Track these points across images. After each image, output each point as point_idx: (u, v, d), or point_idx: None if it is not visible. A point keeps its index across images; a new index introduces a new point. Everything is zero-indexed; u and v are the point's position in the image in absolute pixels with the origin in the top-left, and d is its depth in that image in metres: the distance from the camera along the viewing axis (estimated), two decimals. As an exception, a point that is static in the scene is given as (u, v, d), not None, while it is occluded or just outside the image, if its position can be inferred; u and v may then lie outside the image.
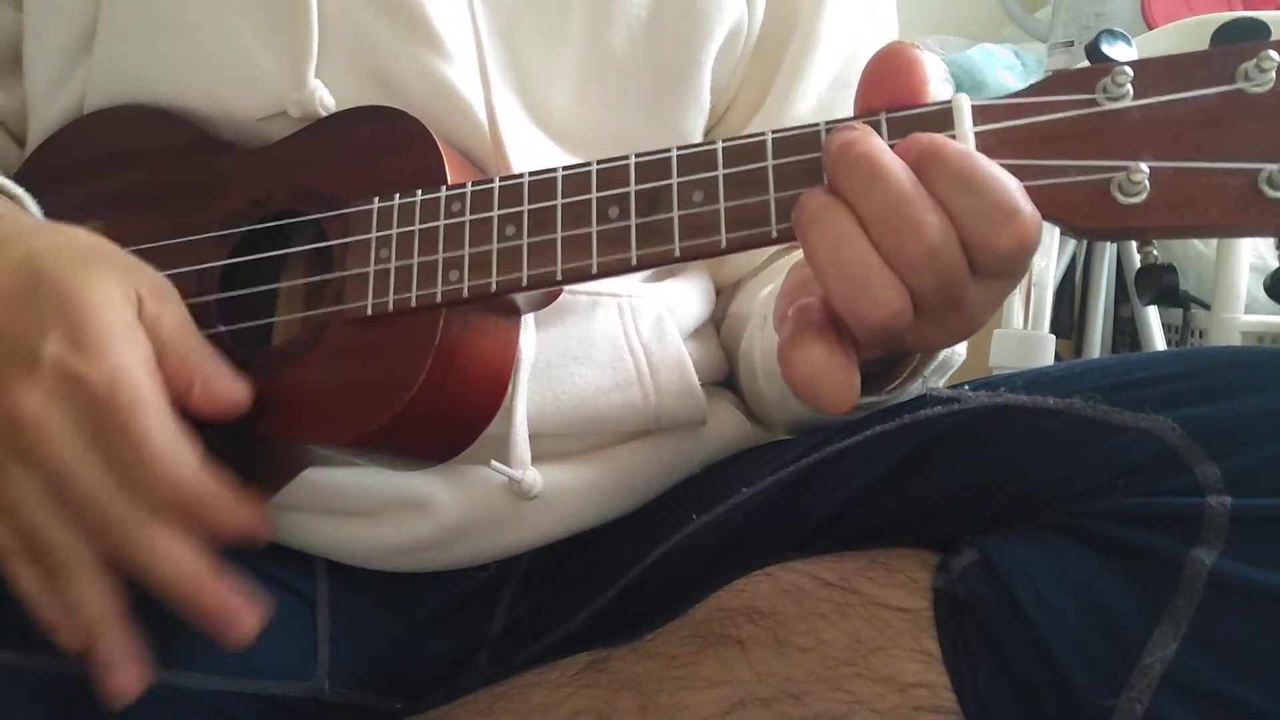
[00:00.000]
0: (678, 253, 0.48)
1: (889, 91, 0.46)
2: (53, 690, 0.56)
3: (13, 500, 0.48)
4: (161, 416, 0.49)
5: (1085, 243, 1.71)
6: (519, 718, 0.58)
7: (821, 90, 0.69)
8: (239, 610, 0.50)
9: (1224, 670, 0.43)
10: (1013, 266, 0.43)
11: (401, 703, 0.67)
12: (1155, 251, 0.45)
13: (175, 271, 0.58)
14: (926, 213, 0.42)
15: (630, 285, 0.67)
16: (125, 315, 0.50)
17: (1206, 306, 1.72)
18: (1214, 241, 1.69)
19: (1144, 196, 0.42)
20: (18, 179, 0.62)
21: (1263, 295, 1.75)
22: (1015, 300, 1.33)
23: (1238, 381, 0.48)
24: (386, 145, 0.58)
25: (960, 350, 0.63)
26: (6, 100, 0.71)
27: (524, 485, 0.63)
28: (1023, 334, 1.31)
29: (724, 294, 0.77)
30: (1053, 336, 1.30)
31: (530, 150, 0.63)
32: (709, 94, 0.67)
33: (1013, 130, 0.45)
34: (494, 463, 0.62)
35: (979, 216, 0.42)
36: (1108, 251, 1.71)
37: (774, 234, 0.47)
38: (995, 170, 0.42)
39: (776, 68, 0.69)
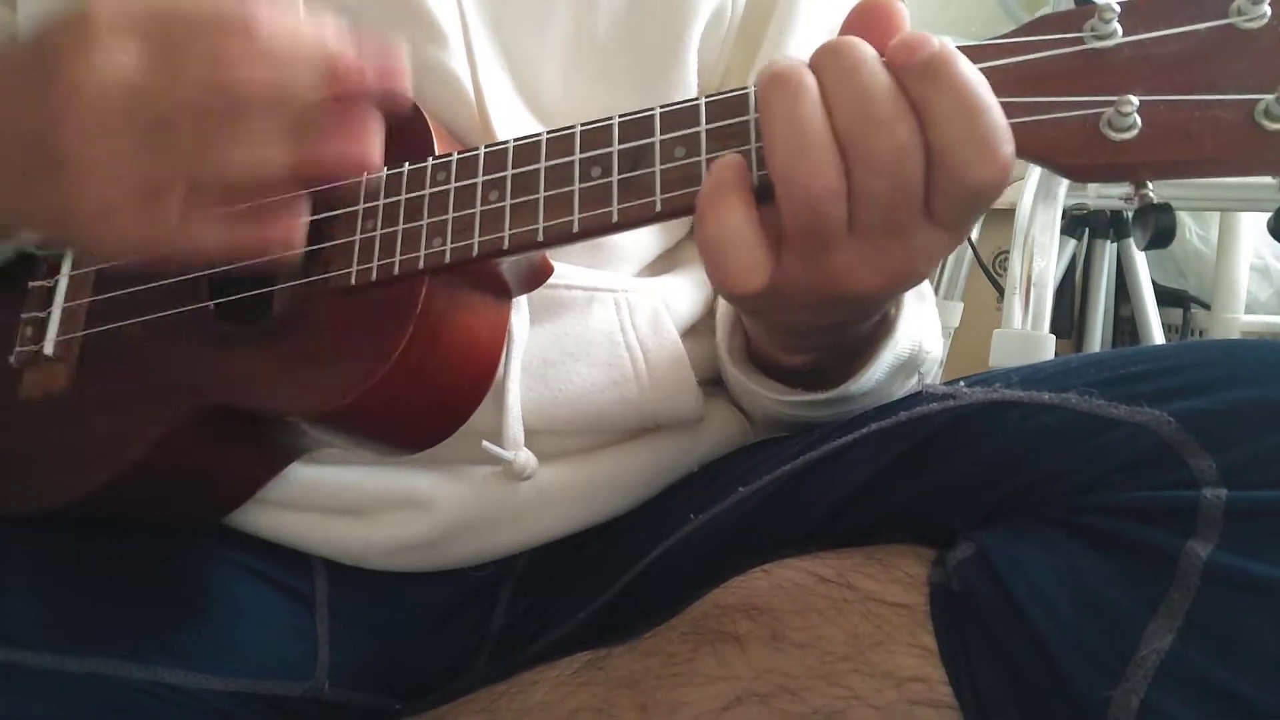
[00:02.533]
0: (659, 206, 0.48)
1: (871, 41, 0.46)
2: (53, 689, 0.56)
3: (139, 157, 0.47)
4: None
5: (1085, 242, 1.71)
6: (518, 716, 0.58)
7: None
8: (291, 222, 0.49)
9: (1219, 662, 0.43)
10: (970, 208, 0.43)
11: (401, 702, 0.67)
12: (1150, 193, 0.44)
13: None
14: (905, 113, 0.42)
15: (626, 280, 0.68)
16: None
17: (1206, 306, 1.72)
18: (1214, 241, 1.69)
19: (1135, 132, 0.41)
20: None
21: (1263, 295, 1.75)
22: (1015, 300, 1.32)
23: (1233, 374, 0.48)
24: None
25: (933, 350, 0.63)
26: None
27: (516, 466, 0.63)
28: (1023, 334, 1.31)
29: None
30: (1053, 336, 1.30)
31: (519, 131, 0.63)
32: (695, 75, 0.67)
33: (999, 70, 0.44)
34: (486, 443, 0.62)
35: (968, 146, 0.42)
36: (1107, 251, 1.71)
37: (755, 181, 0.46)
38: (994, 101, 0.42)
39: (758, 45, 0.68)
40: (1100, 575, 0.46)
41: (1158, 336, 1.66)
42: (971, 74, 0.42)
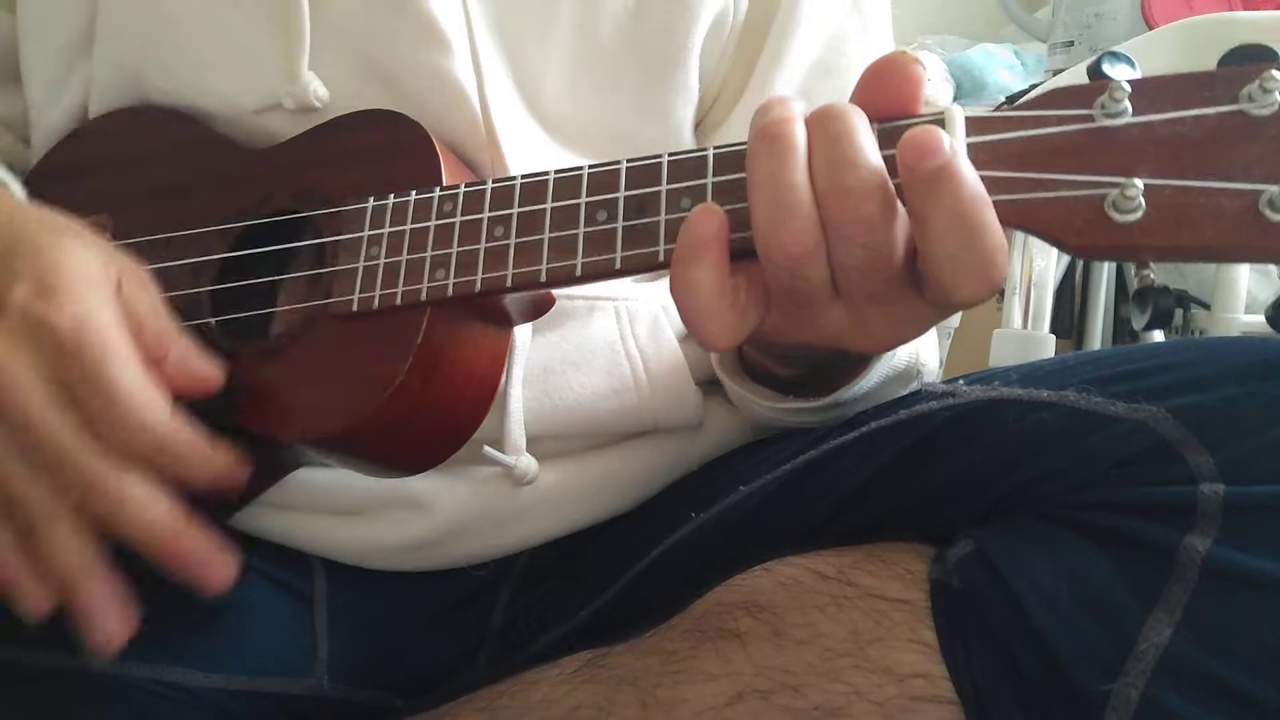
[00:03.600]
0: (662, 256, 0.48)
1: (883, 98, 0.46)
2: (53, 686, 0.56)
3: None
4: (130, 363, 0.48)
5: (1085, 244, 1.71)
6: (519, 714, 0.58)
7: (800, 76, 0.69)
8: (214, 559, 0.50)
9: (1218, 655, 0.44)
10: (956, 309, 0.44)
11: (401, 700, 0.67)
12: (1152, 274, 0.44)
13: (172, 264, 0.58)
14: (874, 190, 0.42)
15: (626, 288, 0.68)
16: (97, 275, 0.50)
17: (1206, 306, 1.72)
18: (1214, 241, 1.69)
19: (1139, 215, 0.41)
20: (30, 179, 0.62)
21: (1263, 295, 1.75)
22: (1015, 300, 1.33)
23: (1230, 370, 0.48)
24: (386, 147, 0.58)
25: (929, 361, 0.63)
26: (8, 106, 0.71)
27: (518, 471, 0.63)
28: (1023, 334, 1.31)
29: None
30: (1053, 336, 1.30)
31: (524, 140, 0.63)
32: (697, 81, 0.67)
33: (1006, 143, 0.44)
34: (488, 449, 0.62)
35: (961, 264, 0.42)
36: (1108, 252, 1.70)
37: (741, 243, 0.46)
38: (994, 220, 0.42)
39: (757, 55, 0.69)
40: (1099, 571, 0.46)
41: (1157, 336, 1.66)
42: (974, 191, 0.42)
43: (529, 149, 0.63)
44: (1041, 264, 1.32)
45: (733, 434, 0.71)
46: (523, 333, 0.62)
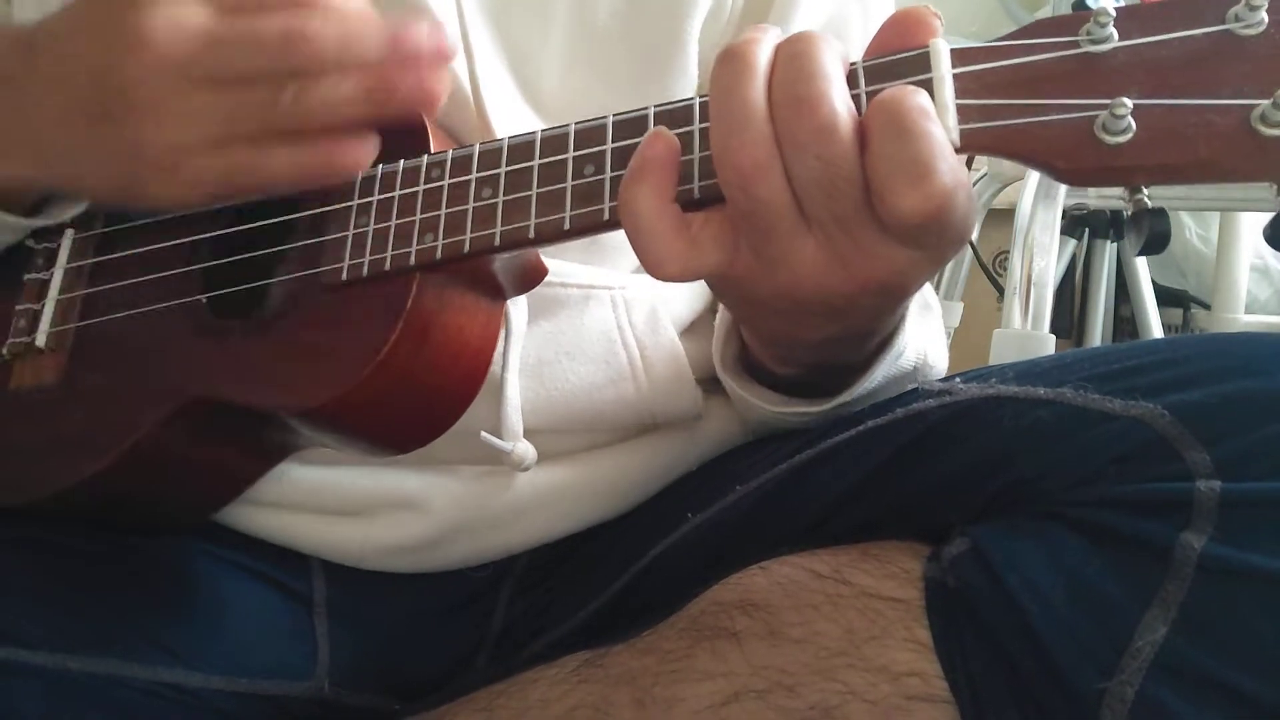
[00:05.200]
0: None
1: (897, 46, 0.46)
2: (53, 686, 0.56)
3: (211, 104, 0.50)
4: None
5: (1085, 242, 1.71)
6: (517, 714, 0.58)
7: None
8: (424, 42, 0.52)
9: (1213, 653, 0.43)
10: (916, 232, 0.43)
11: (401, 703, 0.67)
12: (1146, 198, 0.44)
13: (165, 245, 0.59)
14: (833, 100, 0.43)
15: (623, 278, 0.67)
16: None
17: (1206, 306, 1.72)
18: (1214, 241, 1.69)
19: (1129, 135, 0.41)
20: None
21: (1263, 295, 1.75)
22: (1015, 300, 1.33)
23: (1226, 367, 0.48)
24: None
25: (936, 359, 0.63)
26: None
27: (514, 457, 0.63)
28: (1023, 334, 1.31)
29: None
30: (1053, 336, 1.30)
31: (517, 127, 0.63)
32: (696, 67, 0.67)
33: (991, 72, 0.44)
34: (484, 435, 0.62)
35: (893, 164, 0.42)
36: (1107, 251, 1.71)
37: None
38: (935, 131, 0.42)
39: None
40: (1095, 568, 0.46)
41: (1158, 336, 1.66)
42: (916, 101, 0.42)
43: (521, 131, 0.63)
44: (1041, 264, 1.32)
45: (732, 434, 0.71)
46: (519, 321, 0.62)
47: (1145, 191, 0.44)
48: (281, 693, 0.65)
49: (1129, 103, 0.41)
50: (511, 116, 0.63)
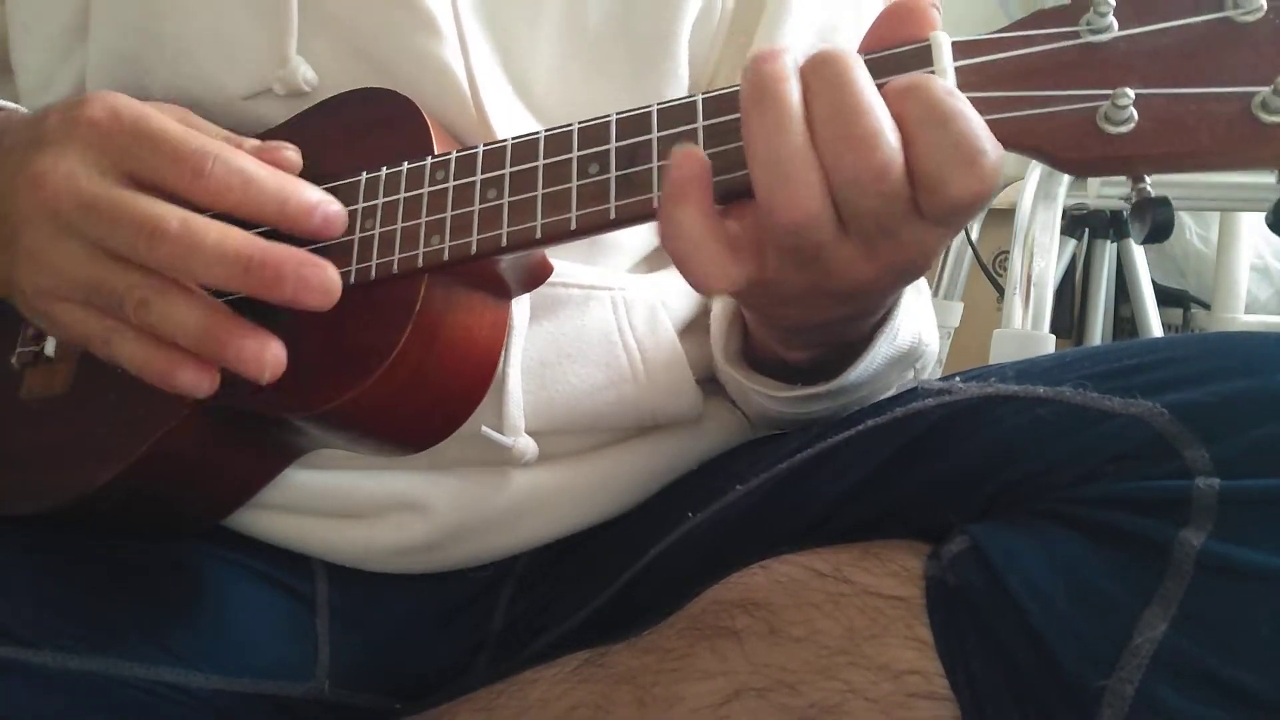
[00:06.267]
0: (656, 203, 0.48)
1: (894, 39, 0.46)
2: (53, 686, 0.57)
3: (66, 271, 0.51)
4: (164, 118, 0.52)
5: (1085, 242, 1.71)
6: (517, 714, 0.58)
7: None
8: (311, 268, 0.51)
9: (1213, 650, 0.43)
10: (962, 214, 0.43)
11: (401, 703, 0.67)
12: (1148, 187, 0.44)
13: None
14: (884, 130, 0.42)
15: (623, 278, 0.68)
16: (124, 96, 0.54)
17: (1206, 306, 1.72)
18: (1214, 241, 1.69)
19: (1131, 125, 0.41)
20: None
21: (1263, 295, 1.75)
22: (1015, 300, 1.33)
23: (1225, 366, 0.48)
24: (376, 124, 0.58)
25: (930, 343, 0.63)
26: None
27: (515, 452, 0.63)
28: (1023, 334, 1.31)
29: None
30: (1053, 336, 1.30)
31: (514, 125, 0.63)
32: (686, 68, 0.67)
33: (993, 64, 0.44)
34: (485, 430, 0.62)
35: (941, 153, 0.41)
36: (1107, 251, 1.71)
37: (729, 185, 0.46)
38: (972, 114, 0.42)
39: (749, 44, 0.68)
40: (1094, 566, 0.46)
41: (1156, 331, 1.66)
42: (940, 83, 0.42)
43: (519, 131, 0.63)
44: (1041, 264, 1.32)
45: (732, 433, 0.71)
46: (520, 317, 0.62)
47: (1147, 180, 0.44)
48: (282, 693, 0.65)
49: (1131, 93, 0.41)
50: (508, 115, 0.63)
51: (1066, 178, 1.33)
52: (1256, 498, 0.44)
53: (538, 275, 0.58)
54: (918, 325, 0.62)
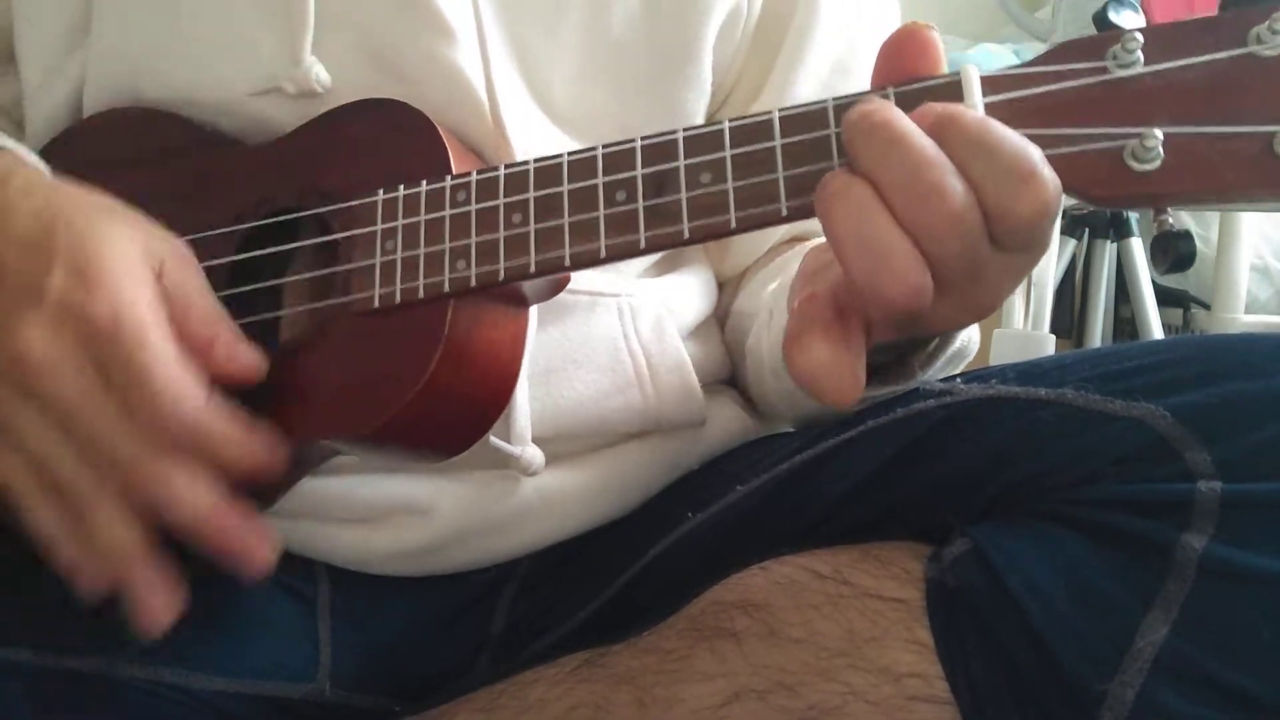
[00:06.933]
0: (687, 234, 0.48)
1: (904, 71, 0.46)
2: (54, 687, 0.56)
3: (23, 437, 0.49)
4: (165, 354, 0.49)
5: (1085, 242, 1.71)
6: (517, 714, 0.58)
7: (822, 74, 0.69)
8: (255, 543, 0.51)
9: (1215, 653, 0.43)
10: (1033, 233, 0.43)
11: (402, 705, 0.67)
12: (1170, 219, 0.45)
13: None
14: (948, 176, 0.41)
15: (629, 284, 0.67)
16: (136, 262, 0.50)
17: (1206, 306, 1.72)
18: (1214, 241, 1.69)
19: (1158, 163, 0.42)
20: None
21: (1263, 295, 1.75)
22: (1016, 300, 1.33)
23: (1227, 368, 0.48)
24: (390, 137, 0.57)
25: (974, 338, 0.63)
26: (2, 92, 0.71)
27: (523, 461, 0.63)
28: (1023, 334, 1.32)
29: (727, 287, 0.76)
30: (1053, 336, 1.31)
31: (532, 132, 0.63)
32: (710, 76, 0.67)
33: (1022, 100, 0.44)
34: (493, 439, 0.62)
35: (997, 180, 0.41)
36: (1107, 251, 1.71)
37: (784, 211, 0.46)
38: (1011, 134, 0.42)
39: (776, 52, 0.68)
40: (1095, 568, 0.46)
41: (1158, 336, 1.66)
42: (976, 117, 0.42)
43: (536, 140, 0.62)
44: (1041, 264, 1.33)
45: (733, 435, 0.71)
46: (528, 330, 0.62)
47: (1170, 213, 0.44)
48: (283, 694, 0.64)
49: (1159, 133, 0.41)
50: (525, 123, 0.62)
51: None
52: (1258, 501, 0.44)
53: (557, 287, 0.58)
54: (970, 330, 0.62)
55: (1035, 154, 0.41)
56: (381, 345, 0.53)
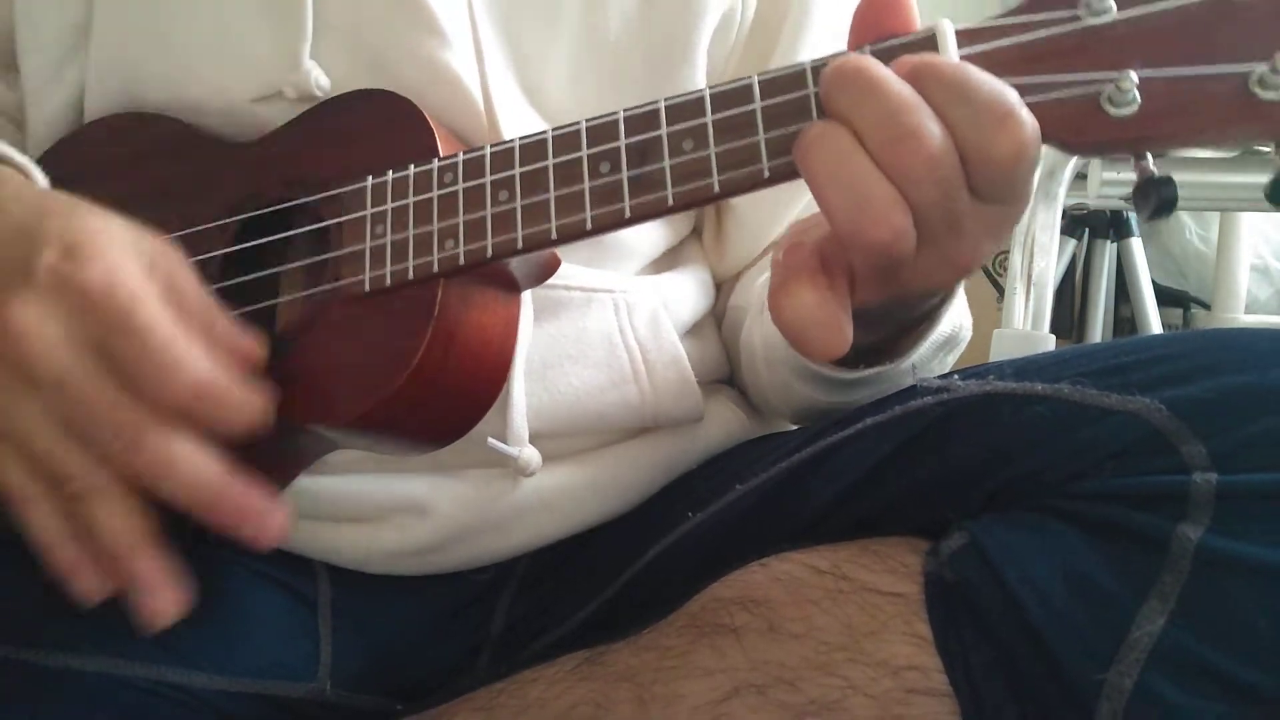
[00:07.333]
0: (671, 200, 0.48)
1: (879, 30, 0.46)
2: (54, 686, 0.57)
3: (18, 428, 0.47)
4: (163, 314, 0.47)
5: (1085, 242, 1.71)
6: (517, 713, 0.58)
7: None
8: (265, 509, 0.48)
9: (1210, 643, 0.44)
10: (1011, 180, 0.43)
11: (402, 704, 0.67)
12: (1151, 165, 0.45)
13: None
14: (925, 119, 0.42)
15: (625, 281, 0.68)
16: (126, 241, 0.49)
17: (1206, 306, 1.72)
18: (1214, 241, 1.69)
19: (1135, 108, 0.42)
20: None
21: (1263, 295, 1.75)
22: (1016, 300, 1.33)
23: (1222, 362, 0.48)
24: (378, 126, 0.58)
25: (966, 325, 0.63)
26: (6, 93, 0.71)
27: (521, 462, 0.63)
28: (1023, 333, 1.32)
29: (724, 288, 0.76)
30: (1053, 336, 1.31)
31: (526, 132, 0.63)
32: (704, 78, 0.67)
33: (997, 51, 0.44)
34: (491, 440, 0.62)
35: (974, 122, 0.41)
36: (1107, 251, 1.71)
37: (766, 173, 0.46)
38: (988, 77, 0.42)
39: (770, 54, 0.69)
40: (1092, 560, 0.47)
41: (1155, 328, 1.66)
42: (952, 64, 0.43)
43: None
44: (1041, 264, 1.33)
45: (732, 434, 0.72)
46: (525, 322, 0.62)
47: (1150, 158, 0.44)
48: (283, 693, 0.65)
49: (1134, 76, 0.42)
50: (520, 124, 0.63)
51: (1066, 178, 1.33)
52: (1253, 492, 0.45)
53: (547, 270, 0.58)
54: (958, 315, 0.62)
55: (1012, 96, 0.42)
56: (374, 328, 0.54)
